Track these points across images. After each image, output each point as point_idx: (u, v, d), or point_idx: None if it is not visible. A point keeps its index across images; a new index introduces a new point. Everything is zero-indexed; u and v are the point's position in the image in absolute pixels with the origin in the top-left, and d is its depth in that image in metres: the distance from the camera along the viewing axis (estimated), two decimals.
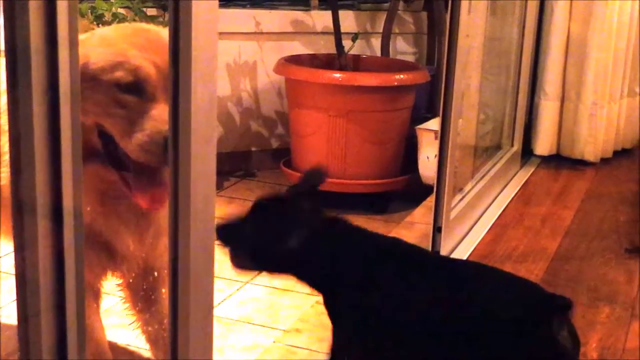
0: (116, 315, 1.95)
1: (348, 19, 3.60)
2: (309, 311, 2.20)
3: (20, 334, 0.91)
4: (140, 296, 1.70)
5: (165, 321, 1.67)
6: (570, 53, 3.64)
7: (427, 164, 3.12)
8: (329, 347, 1.50)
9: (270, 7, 3.62)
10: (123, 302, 1.74)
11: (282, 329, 2.14)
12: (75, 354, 0.94)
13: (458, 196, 2.69)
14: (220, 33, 1.00)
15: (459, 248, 2.59)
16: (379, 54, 3.63)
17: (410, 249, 1.54)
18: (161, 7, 3.14)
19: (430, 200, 2.55)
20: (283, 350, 1.99)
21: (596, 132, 3.67)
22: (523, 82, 3.55)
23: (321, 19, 3.60)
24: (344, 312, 1.47)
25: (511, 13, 3.46)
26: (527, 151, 3.73)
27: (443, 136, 2.37)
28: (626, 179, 3.53)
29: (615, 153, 3.87)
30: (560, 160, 3.73)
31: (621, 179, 3.54)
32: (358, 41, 3.40)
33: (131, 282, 1.68)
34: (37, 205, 0.87)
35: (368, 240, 1.50)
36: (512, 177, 3.44)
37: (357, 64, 3.40)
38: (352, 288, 1.45)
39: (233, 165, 3.54)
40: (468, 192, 2.80)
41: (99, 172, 1.41)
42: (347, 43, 3.30)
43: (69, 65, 0.87)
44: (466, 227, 2.73)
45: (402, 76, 3.09)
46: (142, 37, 1.41)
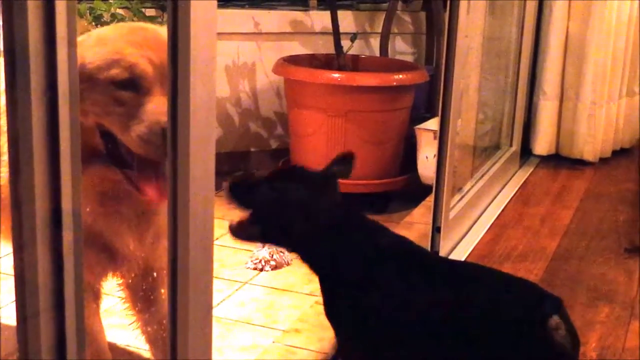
0: (116, 315, 1.95)
1: (347, 19, 3.60)
2: (309, 311, 2.20)
3: (19, 335, 0.91)
4: (139, 296, 1.70)
5: (164, 321, 1.67)
6: (569, 53, 3.65)
7: (426, 164, 3.12)
8: (333, 346, 1.49)
9: (269, 8, 3.62)
10: (123, 303, 1.74)
11: (282, 329, 2.14)
12: (74, 354, 0.94)
13: (457, 196, 2.69)
14: (219, 33, 1.00)
15: (458, 248, 2.59)
16: (378, 54, 3.63)
17: (411, 249, 1.54)
18: (160, 8, 3.14)
19: (429, 200, 2.55)
20: (282, 350, 1.98)
21: (595, 132, 3.67)
22: (522, 82, 3.55)
23: (320, 19, 3.60)
24: (344, 311, 1.47)
25: (510, 13, 3.46)
26: (526, 151, 3.73)
27: (442, 136, 2.37)
28: (625, 179, 3.54)
29: (614, 153, 3.88)
30: (559, 160, 3.74)
31: (620, 179, 3.54)
32: (357, 41, 3.40)
33: (131, 283, 1.68)
34: (36, 205, 0.87)
35: (371, 239, 1.49)
36: (511, 177, 3.44)
37: (356, 64, 3.40)
38: (352, 286, 1.45)
39: (232, 165, 3.53)
40: (467, 192, 2.81)
41: (103, 173, 1.41)
42: (346, 43, 3.30)
43: (68, 65, 0.87)
44: (465, 227, 2.73)
45: (401, 76, 3.10)
46: (138, 35, 1.41)
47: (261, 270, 2.53)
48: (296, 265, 2.57)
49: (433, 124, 3.08)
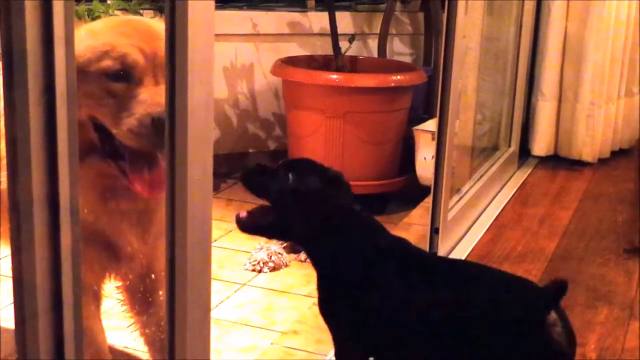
0: (114, 317, 1.94)
1: (345, 20, 3.60)
2: (307, 313, 2.20)
3: (18, 336, 0.91)
4: (138, 298, 1.70)
5: (163, 323, 1.67)
6: (567, 53, 3.65)
7: (425, 165, 3.12)
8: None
9: (267, 9, 3.62)
10: (121, 305, 1.74)
11: (280, 331, 2.14)
12: (72, 356, 0.93)
13: (455, 197, 2.69)
14: (216, 35, 1.00)
15: (457, 249, 2.59)
16: (376, 55, 3.63)
17: (410, 249, 1.54)
18: (158, 9, 3.13)
19: (427, 201, 2.55)
20: (280, 352, 1.98)
21: (594, 133, 3.67)
22: (520, 83, 3.55)
23: (318, 20, 3.60)
24: (343, 311, 1.47)
25: (508, 13, 3.46)
26: (525, 152, 3.73)
27: (440, 137, 2.37)
28: (624, 179, 3.54)
29: (612, 153, 3.88)
30: (557, 160, 3.74)
31: (619, 179, 3.54)
32: (355, 42, 3.40)
33: (129, 285, 1.68)
34: (34, 207, 0.87)
35: (371, 239, 1.49)
36: (510, 178, 3.44)
37: (354, 65, 3.40)
38: (352, 285, 1.45)
39: (230, 167, 3.53)
40: (465, 193, 2.81)
41: (99, 167, 1.41)
42: (344, 44, 3.30)
43: (66, 66, 0.87)
44: (464, 228, 2.73)
45: (399, 77, 3.09)
46: (129, 26, 1.42)
47: (259, 271, 2.53)
48: (294, 266, 2.57)
49: (431, 125, 3.08)
